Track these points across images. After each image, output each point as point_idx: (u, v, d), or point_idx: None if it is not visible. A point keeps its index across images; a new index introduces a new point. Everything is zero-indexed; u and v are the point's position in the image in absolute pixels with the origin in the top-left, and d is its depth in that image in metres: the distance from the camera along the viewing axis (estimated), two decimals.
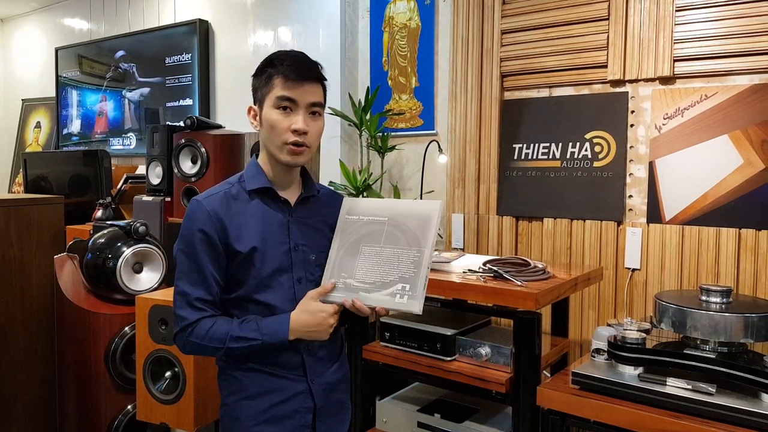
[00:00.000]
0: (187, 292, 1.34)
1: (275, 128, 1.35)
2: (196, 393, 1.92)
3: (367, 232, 1.39)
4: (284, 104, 1.34)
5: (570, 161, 2.56)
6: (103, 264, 2.28)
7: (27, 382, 2.50)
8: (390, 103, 3.14)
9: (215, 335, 1.32)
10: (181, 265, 1.36)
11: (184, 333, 1.34)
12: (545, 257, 2.61)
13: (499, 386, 1.82)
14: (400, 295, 1.32)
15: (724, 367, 1.52)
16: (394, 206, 1.41)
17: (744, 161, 2.17)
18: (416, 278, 1.32)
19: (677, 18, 2.28)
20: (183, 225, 1.38)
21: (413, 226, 1.36)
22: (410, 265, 1.33)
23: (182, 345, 1.37)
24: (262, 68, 1.38)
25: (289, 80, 1.33)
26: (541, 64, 2.60)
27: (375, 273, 1.35)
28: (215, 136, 2.66)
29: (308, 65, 1.37)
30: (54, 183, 3.55)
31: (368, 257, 1.37)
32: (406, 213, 1.38)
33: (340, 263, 1.39)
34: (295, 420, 1.39)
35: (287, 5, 3.48)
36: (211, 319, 1.34)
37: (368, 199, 1.44)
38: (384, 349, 2.10)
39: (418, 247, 1.34)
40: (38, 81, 5.31)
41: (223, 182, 1.44)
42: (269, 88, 1.35)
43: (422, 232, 1.35)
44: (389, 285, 1.33)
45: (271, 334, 1.33)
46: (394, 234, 1.36)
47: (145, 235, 2.35)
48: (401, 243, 1.35)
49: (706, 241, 2.24)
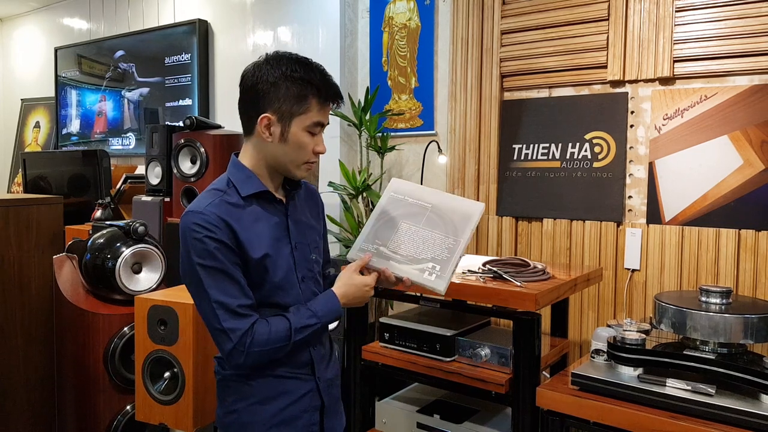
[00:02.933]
0: (226, 303, 1.25)
1: (303, 150, 1.32)
2: (195, 393, 1.92)
3: (409, 212, 1.45)
4: (317, 130, 1.33)
5: (570, 162, 2.56)
6: (102, 264, 2.28)
7: (26, 383, 2.49)
8: (389, 103, 3.14)
9: (278, 334, 1.29)
10: (208, 280, 1.26)
11: (242, 345, 1.25)
12: (545, 258, 2.61)
13: (498, 387, 1.82)
14: (429, 272, 1.38)
15: (723, 368, 1.52)
16: (441, 197, 1.47)
17: (744, 162, 2.17)
18: (448, 262, 1.39)
19: (677, 19, 2.28)
20: (191, 238, 1.27)
21: (455, 218, 1.43)
22: (444, 250, 1.40)
23: (242, 358, 1.26)
24: (291, 79, 1.28)
25: (326, 106, 1.32)
26: (541, 64, 2.60)
27: (409, 248, 1.41)
28: (215, 136, 2.66)
29: (338, 89, 1.35)
30: (53, 183, 3.55)
31: (405, 233, 1.43)
32: (450, 205, 1.45)
33: (376, 232, 1.44)
34: (305, 419, 1.39)
35: (287, 5, 3.48)
36: (263, 322, 1.29)
37: (417, 185, 1.50)
38: (383, 349, 2.10)
39: (455, 237, 1.41)
40: (37, 81, 5.31)
41: (210, 190, 1.35)
42: (304, 108, 1.29)
43: (461, 226, 1.42)
44: (421, 261, 1.39)
45: (327, 314, 1.35)
46: (434, 220, 1.42)
47: (144, 236, 2.35)
48: (440, 229, 1.42)
49: (706, 241, 2.24)
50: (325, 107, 1.33)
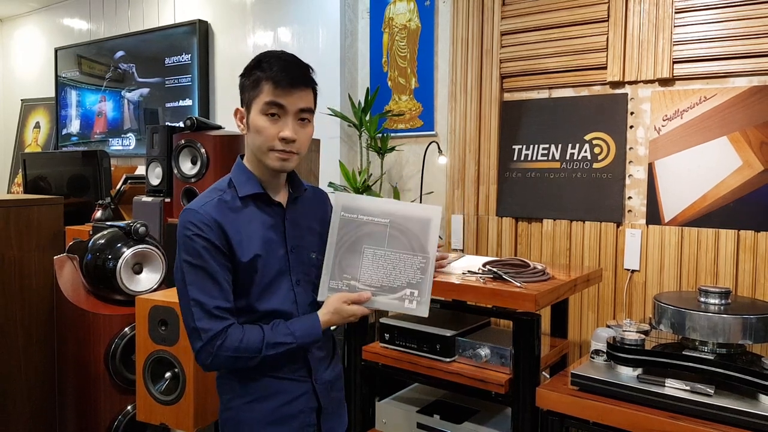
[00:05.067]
0: (204, 302, 1.27)
1: (262, 134, 1.30)
2: (196, 394, 1.92)
3: (367, 232, 1.37)
4: (272, 111, 1.29)
5: (569, 162, 2.56)
6: (102, 265, 2.28)
7: (26, 383, 2.50)
8: (390, 104, 3.15)
9: (250, 344, 1.27)
10: (190, 276, 1.29)
11: (211, 346, 1.26)
12: (545, 258, 2.61)
13: (498, 387, 1.82)
14: (409, 300, 1.36)
15: (722, 368, 1.53)
16: (393, 207, 1.40)
17: (743, 163, 2.18)
18: (424, 283, 1.36)
19: (676, 20, 2.28)
20: (182, 235, 1.31)
21: (415, 228, 1.37)
22: (417, 271, 1.36)
23: (209, 360, 1.28)
24: (250, 70, 1.33)
25: (279, 86, 1.28)
26: (541, 65, 2.61)
27: (380, 276, 1.36)
28: (215, 136, 2.66)
29: (299, 70, 1.32)
30: (53, 183, 3.55)
31: (372, 259, 1.37)
32: (406, 215, 1.38)
33: (341, 263, 1.37)
34: (300, 419, 1.39)
35: (287, 6, 3.48)
36: (238, 328, 1.29)
37: (364, 197, 1.42)
38: (383, 350, 2.11)
39: (424, 254, 1.37)
40: (37, 81, 5.31)
41: (211, 189, 1.39)
42: (257, 92, 1.30)
43: (425, 237, 1.37)
44: (397, 290, 1.36)
45: (304, 336, 1.33)
46: (396, 237, 1.37)
47: (144, 236, 2.35)
48: (405, 247, 1.37)
49: (705, 242, 2.24)
50: (279, 89, 1.28)
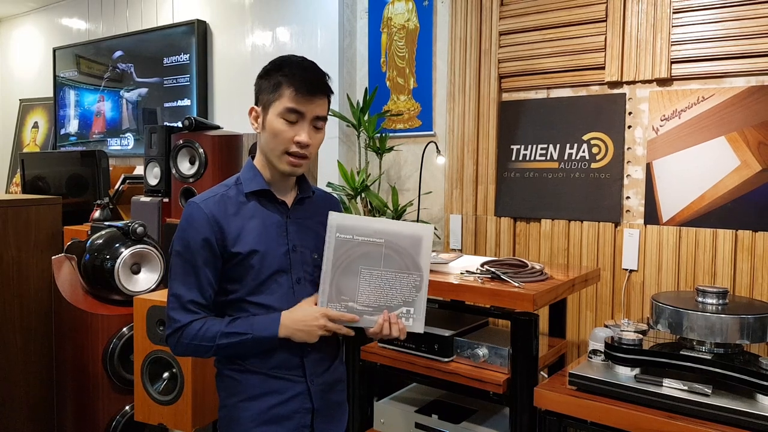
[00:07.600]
0: (181, 295, 1.35)
1: (278, 137, 1.35)
2: (194, 394, 1.92)
3: (363, 253, 1.39)
4: (291, 117, 1.34)
5: (567, 162, 2.56)
6: (101, 265, 2.28)
7: (25, 384, 2.49)
8: (388, 104, 3.15)
9: (206, 334, 1.33)
10: (176, 267, 1.36)
11: (176, 335, 1.35)
12: (543, 258, 2.61)
13: (496, 387, 1.83)
14: (405, 318, 1.41)
15: (719, 368, 1.53)
16: (386, 227, 1.42)
17: (741, 163, 2.18)
18: (419, 302, 1.41)
19: (674, 20, 2.29)
20: (180, 227, 1.37)
21: (407, 247, 1.40)
22: (412, 290, 1.40)
23: (174, 347, 1.37)
24: (271, 72, 1.37)
25: (299, 93, 1.33)
26: (539, 65, 2.61)
27: (377, 296, 1.39)
28: (213, 136, 2.66)
29: (320, 79, 1.36)
30: (51, 183, 3.55)
31: (369, 280, 1.39)
32: (399, 234, 1.41)
33: (338, 285, 1.38)
34: (295, 420, 1.40)
35: (285, 6, 3.48)
36: (201, 321, 1.35)
37: (358, 217, 1.44)
38: (382, 350, 2.11)
39: (419, 272, 1.40)
40: (36, 81, 5.31)
41: (219, 184, 1.44)
42: (277, 95, 1.34)
43: (418, 255, 1.40)
44: (394, 308, 1.40)
45: (261, 329, 1.34)
46: (391, 257, 1.40)
47: (143, 236, 2.35)
48: (400, 266, 1.40)
49: (703, 242, 2.24)
50: (300, 96, 1.33)
